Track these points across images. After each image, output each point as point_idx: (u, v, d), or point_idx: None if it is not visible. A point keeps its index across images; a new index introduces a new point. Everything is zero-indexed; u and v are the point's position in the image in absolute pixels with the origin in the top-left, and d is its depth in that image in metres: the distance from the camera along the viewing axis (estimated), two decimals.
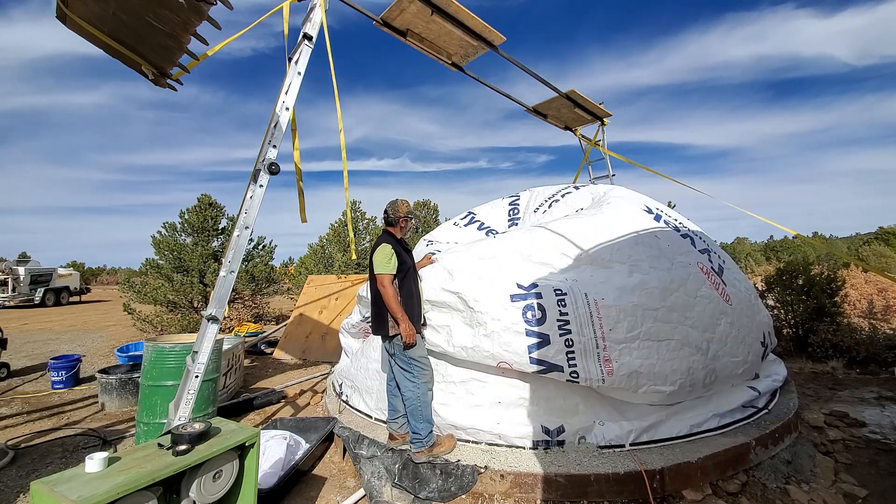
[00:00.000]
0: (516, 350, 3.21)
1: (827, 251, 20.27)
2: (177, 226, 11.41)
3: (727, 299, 3.83)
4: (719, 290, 3.83)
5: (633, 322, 3.29)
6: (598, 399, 3.34)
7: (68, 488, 1.79)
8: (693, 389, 3.35)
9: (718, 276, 3.97)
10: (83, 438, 4.26)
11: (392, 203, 3.56)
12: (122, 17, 2.82)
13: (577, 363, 3.16)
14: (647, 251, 3.73)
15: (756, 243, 44.70)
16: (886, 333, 7.08)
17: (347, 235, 14.97)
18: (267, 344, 8.60)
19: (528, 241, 3.87)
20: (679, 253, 3.87)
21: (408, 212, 3.53)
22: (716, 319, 3.62)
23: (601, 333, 3.23)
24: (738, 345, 3.69)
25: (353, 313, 4.88)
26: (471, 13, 3.79)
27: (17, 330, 11.54)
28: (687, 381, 3.29)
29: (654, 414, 3.33)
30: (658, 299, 3.42)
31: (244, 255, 8.14)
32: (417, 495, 3.06)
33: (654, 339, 3.31)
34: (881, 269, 17.43)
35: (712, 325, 3.58)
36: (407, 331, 3.15)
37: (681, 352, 3.33)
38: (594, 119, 6.52)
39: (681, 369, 3.27)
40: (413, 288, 3.36)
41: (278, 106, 2.94)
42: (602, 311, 3.28)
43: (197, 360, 2.72)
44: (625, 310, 3.31)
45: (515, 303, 3.35)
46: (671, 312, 3.42)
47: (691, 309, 3.52)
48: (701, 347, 3.44)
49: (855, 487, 3.17)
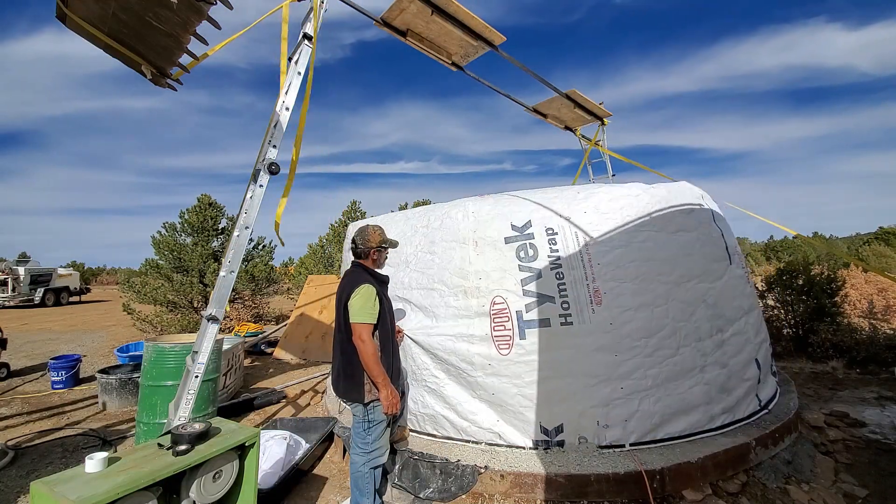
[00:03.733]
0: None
1: (827, 251, 20.26)
2: (177, 226, 11.41)
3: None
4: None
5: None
6: (599, 398, 3.34)
7: (68, 488, 1.79)
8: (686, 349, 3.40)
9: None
10: (83, 438, 4.26)
11: (361, 230, 2.90)
12: (122, 17, 2.82)
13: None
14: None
15: (756, 243, 44.72)
16: (886, 333, 7.08)
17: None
18: (267, 344, 8.60)
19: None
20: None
21: (381, 241, 2.87)
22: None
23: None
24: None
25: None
26: (470, 13, 3.79)
27: (17, 330, 11.54)
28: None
29: (654, 414, 3.33)
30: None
31: (244, 255, 8.13)
32: (417, 495, 3.06)
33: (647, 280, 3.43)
34: (881, 269, 17.43)
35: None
36: (389, 398, 2.56)
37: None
38: (594, 119, 6.51)
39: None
40: (389, 334, 2.78)
41: (278, 106, 2.94)
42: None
43: (197, 360, 2.72)
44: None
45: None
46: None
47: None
48: (706, 300, 3.51)
49: (855, 487, 3.17)
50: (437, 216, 4.02)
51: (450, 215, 3.91)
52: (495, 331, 3.40)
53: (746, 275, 4.20)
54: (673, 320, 3.41)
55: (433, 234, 3.93)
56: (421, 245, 3.98)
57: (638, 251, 3.49)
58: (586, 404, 3.28)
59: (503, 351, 3.36)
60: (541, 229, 3.56)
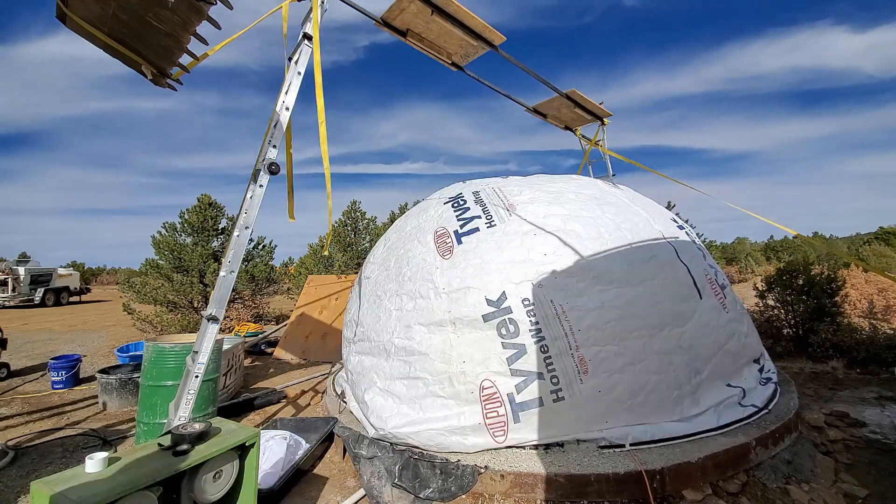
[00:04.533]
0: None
1: (827, 251, 20.26)
2: (177, 226, 11.42)
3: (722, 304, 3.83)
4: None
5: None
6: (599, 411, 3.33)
7: (68, 488, 1.79)
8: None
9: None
10: (83, 438, 4.26)
11: None
12: (122, 17, 2.82)
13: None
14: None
15: (756, 243, 44.71)
16: (887, 333, 7.08)
17: (347, 236, 14.97)
18: (267, 344, 8.60)
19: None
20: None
21: None
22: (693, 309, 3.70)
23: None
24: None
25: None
26: (470, 13, 3.79)
27: (17, 330, 11.54)
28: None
29: (653, 414, 3.33)
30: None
31: (244, 255, 8.14)
32: (417, 495, 3.05)
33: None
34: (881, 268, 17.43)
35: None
36: None
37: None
38: (594, 119, 6.51)
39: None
40: None
41: (278, 106, 2.94)
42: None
43: (197, 360, 2.72)
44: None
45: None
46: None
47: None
48: (681, 345, 3.47)
49: (855, 487, 3.17)
50: (409, 295, 3.84)
51: (420, 294, 3.74)
52: (488, 417, 3.24)
53: (721, 301, 4.03)
54: (655, 374, 3.37)
55: (407, 317, 3.75)
56: (397, 331, 3.79)
57: (611, 310, 3.43)
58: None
59: (499, 438, 3.21)
60: (517, 301, 3.42)
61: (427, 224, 4.34)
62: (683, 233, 4.40)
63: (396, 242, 4.56)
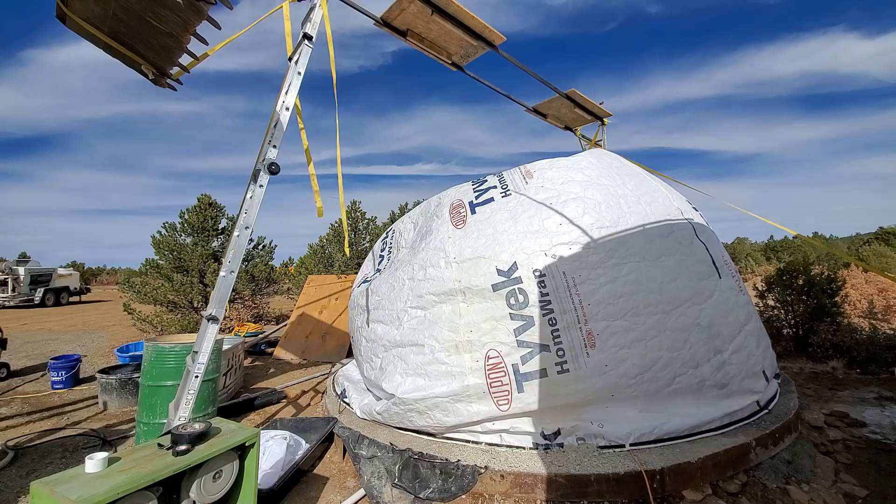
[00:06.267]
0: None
1: (827, 251, 20.26)
2: (177, 226, 11.42)
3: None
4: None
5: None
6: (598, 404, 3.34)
7: (68, 488, 1.79)
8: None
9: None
10: (83, 438, 4.26)
11: None
12: (122, 17, 2.83)
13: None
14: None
15: (756, 243, 44.72)
16: (887, 333, 7.08)
17: (347, 236, 14.96)
18: (267, 344, 8.60)
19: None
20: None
21: None
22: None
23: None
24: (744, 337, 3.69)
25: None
26: (471, 13, 3.79)
27: (17, 330, 11.54)
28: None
29: (653, 414, 3.33)
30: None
31: (244, 256, 8.14)
32: (417, 495, 3.06)
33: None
34: (881, 269, 17.42)
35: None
36: None
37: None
38: (594, 119, 6.51)
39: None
40: None
41: (278, 106, 2.94)
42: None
43: (197, 360, 2.72)
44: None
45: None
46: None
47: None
48: (699, 323, 3.44)
49: (855, 487, 3.17)
50: (420, 264, 3.86)
51: (432, 263, 3.76)
52: (492, 386, 3.29)
53: (738, 283, 4.06)
54: (668, 351, 3.33)
55: (419, 286, 3.77)
56: (409, 300, 3.82)
57: (624, 285, 3.37)
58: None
59: (502, 407, 3.27)
60: (528, 272, 3.40)
61: (446, 199, 4.40)
62: (699, 215, 4.36)
63: (419, 218, 4.70)
